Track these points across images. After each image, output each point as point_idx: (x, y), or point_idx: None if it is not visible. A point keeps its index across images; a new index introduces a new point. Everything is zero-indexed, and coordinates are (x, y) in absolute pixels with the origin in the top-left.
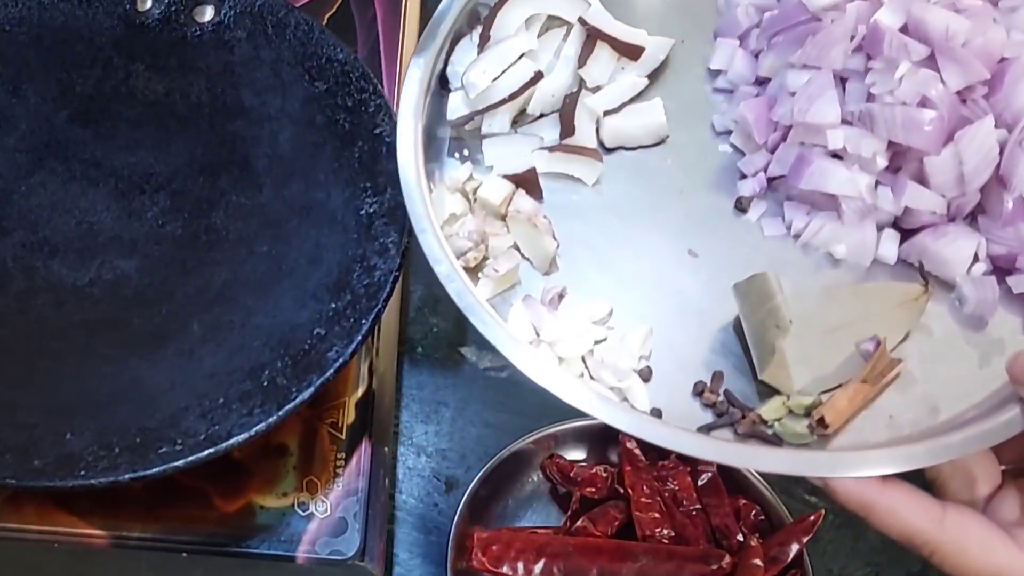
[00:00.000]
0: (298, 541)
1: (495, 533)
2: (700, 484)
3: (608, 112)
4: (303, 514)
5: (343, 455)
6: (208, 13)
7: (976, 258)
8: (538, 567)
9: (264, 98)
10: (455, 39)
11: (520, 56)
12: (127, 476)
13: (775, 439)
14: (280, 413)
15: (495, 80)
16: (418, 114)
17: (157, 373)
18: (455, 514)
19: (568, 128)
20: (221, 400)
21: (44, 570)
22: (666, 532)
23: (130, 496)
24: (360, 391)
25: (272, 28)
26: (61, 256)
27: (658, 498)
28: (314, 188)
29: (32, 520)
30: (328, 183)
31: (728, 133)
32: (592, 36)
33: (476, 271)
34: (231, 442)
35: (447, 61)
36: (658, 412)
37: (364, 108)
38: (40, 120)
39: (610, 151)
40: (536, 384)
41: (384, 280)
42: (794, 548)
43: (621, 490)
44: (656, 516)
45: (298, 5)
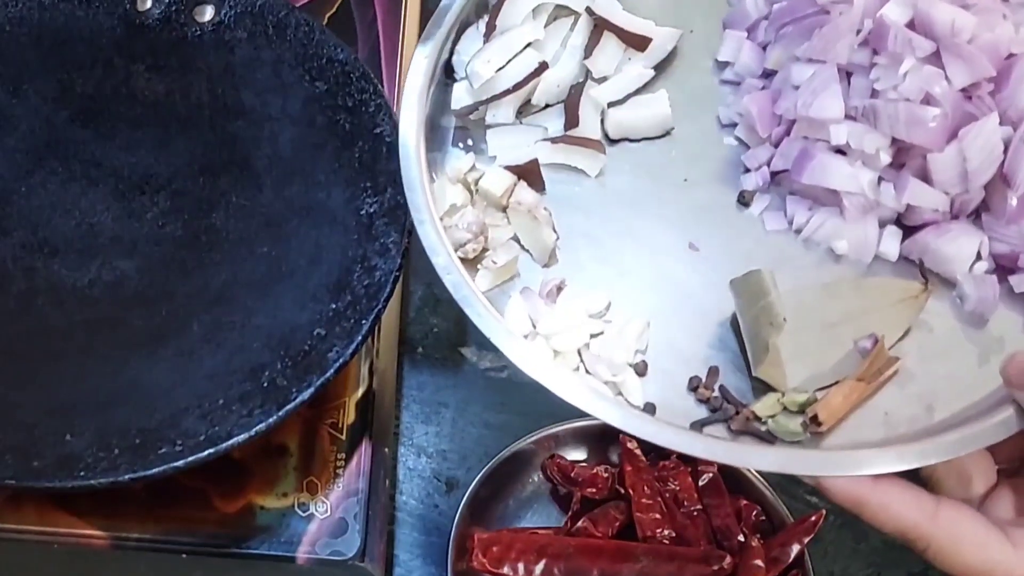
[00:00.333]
0: (298, 542)
1: (496, 534)
2: (701, 484)
3: (613, 103)
4: (303, 515)
5: (343, 456)
6: (208, 13)
7: (978, 256)
8: (539, 568)
9: (264, 98)
10: (461, 28)
11: (526, 46)
12: (127, 477)
13: (769, 436)
14: (280, 414)
15: (500, 70)
16: (422, 103)
17: (157, 374)
18: (455, 515)
19: (572, 119)
20: (221, 401)
21: (44, 570)
22: (667, 533)
23: (130, 497)
24: (360, 391)
25: (272, 28)
26: (61, 256)
27: (659, 499)
28: (314, 188)
29: (32, 520)
30: (328, 183)
31: (733, 126)
32: (599, 26)
33: (475, 263)
34: (231, 443)
35: (453, 50)
36: (652, 407)
37: (364, 108)
38: (40, 120)
39: (614, 142)
40: (531, 379)
41: (384, 280)
42: (795, 549)
43: (622, 491)
44: (657, 517)
45: (298, 5)
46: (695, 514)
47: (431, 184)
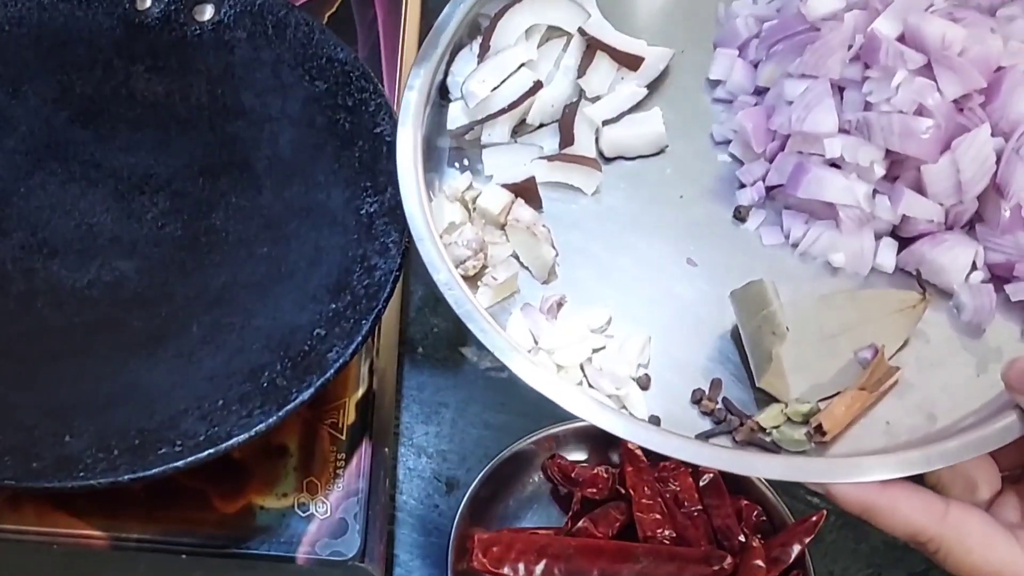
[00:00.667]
0: (298, 542)
1: (496, 534)
2: (702, 485)
3: (607, 122)
4: (303, 515)
5: (343, 456)
6: (208, 12)
7: (974, 266)
8: (539, 568)
9: (264, 98)
10: (455, 49)
11: (520, 66)
12: (126, 477)
13: (773, 446)
14: (280, 414)
15: (495, 90)
16: (418, 123)
17: (157, 374)
18: (456, 515)
19: (567, 138)
20: (221, 401)
21: (44, 571)
22: (667, 533)
23: (130, 497)
24: (360, 392)
25: (272, 28)
26: (60, 257)
27: (659, 499)
28: (314, 189)
29: (32, 521)
30: (328, 183)
31: (727, 143)
32: (592, 46)
33: (475, 280)
34: (231, 443)
35: (447, 71)
36: (657, 420)
37: (364, 108)
38: (40, 121)
39: (609, 160)
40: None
41: (384, 280)
42: (796, 549)
43: (622, 491)
44: (657, 517)
45: (298, 4)
46: (696, 514)
47: (429, 203)
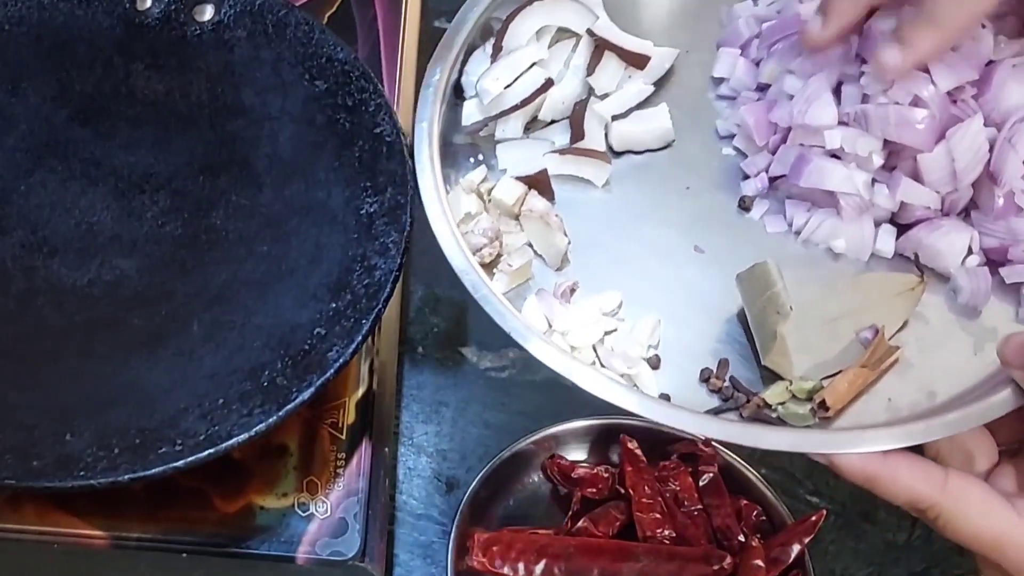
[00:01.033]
0: (298, 542)
1: (496, 534)
2: (701, 484)
3: (616, 117)
4: (303, 515)
5: (343, 455)
6: (208, 12)
7: (970, 250)
8: (539, 568)
9: (264, 97)
10: (469, 51)
11: (531, 65)
12: (127, 477)
13: (779, 422)
14: (280, 413)
15: (507, 87)
16: (435, 120)
17: (157, 373)
18: (456, 515)
19: (578, 132)
20: (221, 400)
21: (44, 570)
22: (667, 532)
23: (130, 497)
24: (360, 391)
25: (272, 27)
26: (60, 256)
27: (659, 498)
28: (314, 188)
29: (32, 520)
30: (328, 182)
31: (731, 137)
32: (600, 46)
33: (491, 267)
34: (231, 442)
35: (462, 71)
36: (667, 397)
37: (364, 107)
38: (40, 120)
39: (619, 154)
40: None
41: (384, 280)
42: (795, 549)
43: (622, 490)
44: (657, 516)
45: (298, 4)
46: (695, 514)
47: (446, 195)
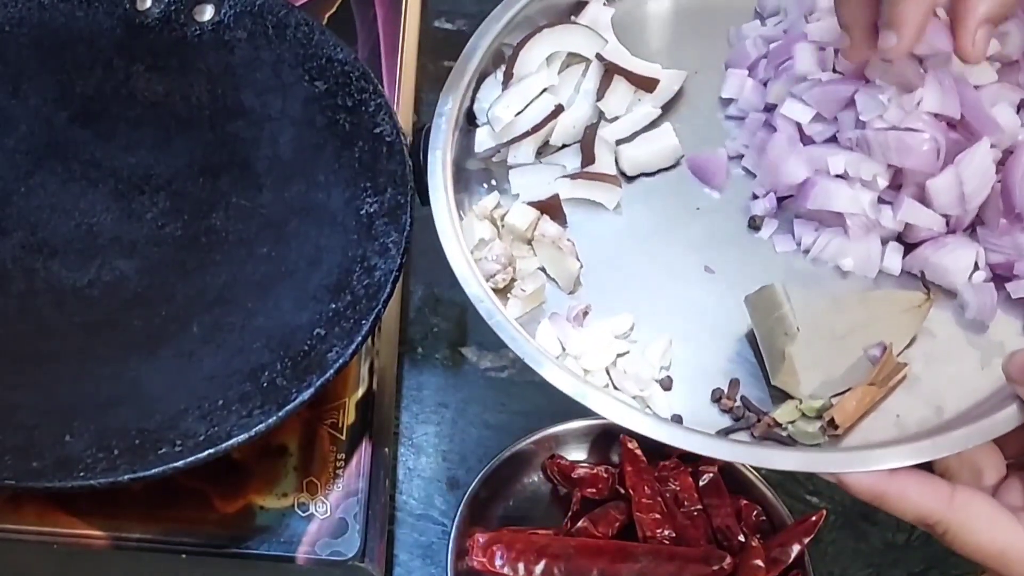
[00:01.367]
0: (298, 542)
1: (496, 534)
2: (701, 485)
3: (621, 141)
4: (303, 515)
5: (343, 456)
6: (208, 12)
7: (976, 266)
8: (539, 568)
9: (264, 98)
10: (481, 78)
11: (542, 91)
12: (126, 477)
13: (789, 440)
14: (280, 414)
15: (519, 114)
16: (448, 148)
17: (157, 374)
18: (455, 515)
19: (588, 157)
20: (221, 401)
21: (44, 571)
22: (667, 533)
23: (130, 497)
24: (360, 392)
25: (272, 28)
26: (61, 257)
27: (659, 499)
28: (314, 189)
29: (32, 521)
30: (328, 183)
31: (740, 157)
32: (610, 71)
33: (505, 292)
34: (231, 443)
35: (474, 98)
36: (679, 418)
37: (364, 108)
38: (40, 121)
39: (632, 179)
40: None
41: (384, 280)
42: (795, 549)
43: (622, 491)
44: (657, 517)
45: (298, 4)
46: (695, 514)
47: (460, 221)
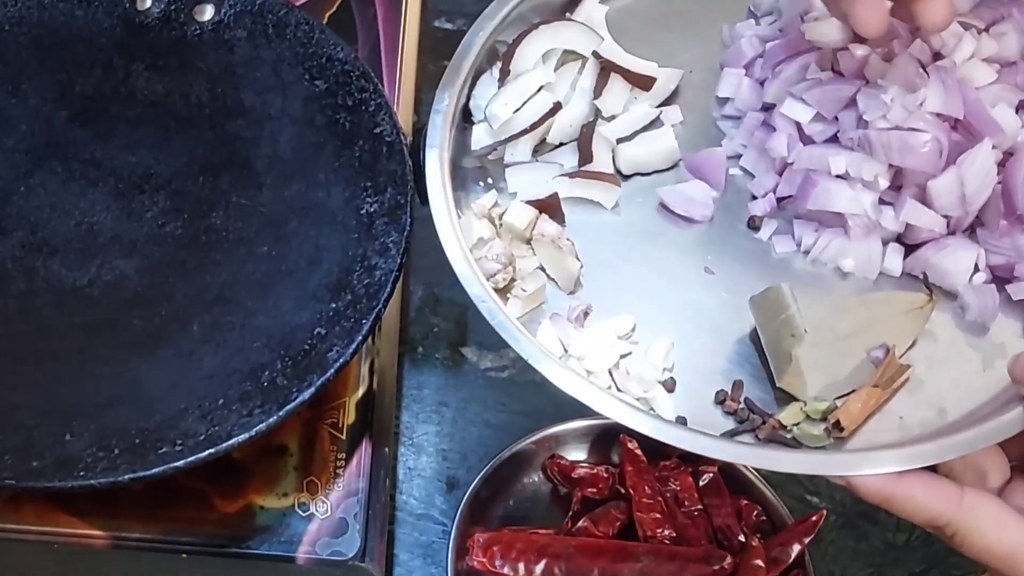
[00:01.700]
0: (298, 542)
1: (496, 534)
2: (702, 484)
3: (621, 140)
4: (303, 515)
5: (343, 455)
6: (208, 12)
7: (976, 268)
8: (539, 568)
9: (264, 98)
10: (476, 75)
11: (539, 89)
12: (127, 477)
13: (794, 443)
14: (280, 414)
15: (516, 111)
16: (444, 145)
17: (157, 374)
18: (456, 515)
19: (586, 155)
20: (221, 401)
21: (44, 571)
22: (667, 532)
23: (130, 497)
24: (360, 391)
25: (272, 27)
26: (60, 257)
27: (659, 498)
28: (314, 188)
29: (32, 521)
30: (328, 183)
31: (738, 157)
32: (606, 68)
33: (505, 292)
34: (231, 443)
35: (470, 95)
36: (683, 420)
37: (365, 107)
38: (40, 120)
39: (627, 177)
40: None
41: (385, 280)
42: (796, 549)
43: (622, 490)
44: (657, 516)
45: (298, 4)
46: (696, 514)
47: (458, 220)
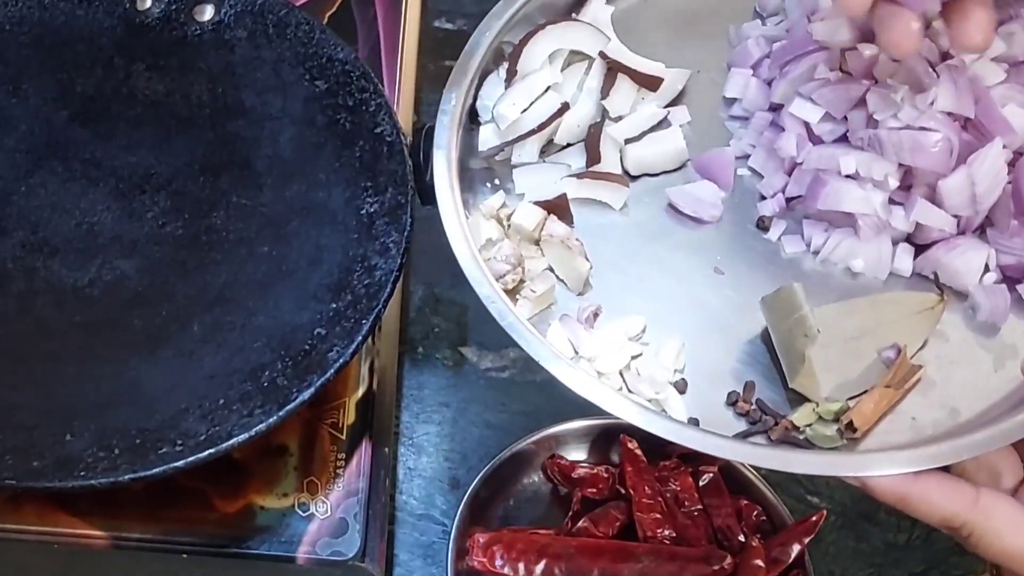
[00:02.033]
0: (298, 542)
1: (496, 534)
2: (702, 484)
3: (629, 140)
4: (303, 515)
5: (343, 455)
6: (208, 12)
7: (987, 268)
8: (539, 568)
9: (265, 98)
10: (483, 75)
11: (546, 89)
12: (127, 477)
13: (807, 444)
14: (280, 414)
15: (524, 112)
16: (452, 146)
17: (157, 374)
18: (456, 515)
19: (594, 156)
20: (221, 401)
21: (44, 571)
22: (667, 533)
23: (130, 497)
24: (361, 391)
25: (273, 27)
26: (61, 257)
27: (660, 499)
28: (315, 188)
29: (32, 521)
30: (329, 183)
31: (746, 157)
32: (613, 69)
33: (514, 293)
34: (231, 443)
35: (476, 96)
36: (695, 421)
37: (365, 107)
38: (40, 120)
39: (635, 178)
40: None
41: (385, 280)
42: (796, 549)
43: (622, 491)
44: (658, 517)
45: (298, 4)
46: (696, 514)
47: (467, 221)
